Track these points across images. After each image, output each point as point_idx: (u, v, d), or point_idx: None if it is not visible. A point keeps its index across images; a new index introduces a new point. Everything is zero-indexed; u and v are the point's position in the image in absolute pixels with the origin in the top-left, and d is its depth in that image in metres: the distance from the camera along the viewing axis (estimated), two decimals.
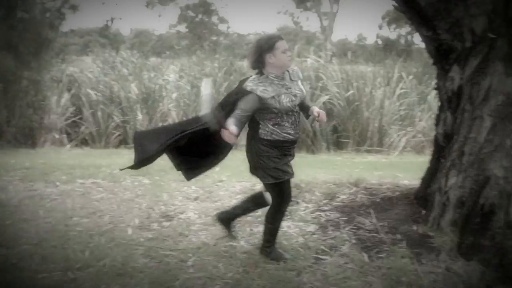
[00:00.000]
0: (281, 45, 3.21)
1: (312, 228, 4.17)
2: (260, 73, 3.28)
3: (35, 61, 7.34)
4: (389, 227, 4.04)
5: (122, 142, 10.73)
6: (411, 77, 11.19)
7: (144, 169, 6.44)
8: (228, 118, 3.20)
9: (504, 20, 3.50)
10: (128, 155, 8.47)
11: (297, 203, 4.81)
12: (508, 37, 3.50)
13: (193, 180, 5.92)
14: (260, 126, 3.31)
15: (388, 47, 29.27)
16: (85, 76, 12.36)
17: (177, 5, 30.92)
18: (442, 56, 3.93)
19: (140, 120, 10.70)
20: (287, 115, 3.27)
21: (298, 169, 7.09)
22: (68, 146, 10.33)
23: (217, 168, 6.69)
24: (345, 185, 5.33)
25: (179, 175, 6.13)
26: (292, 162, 3.51)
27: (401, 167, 7.45)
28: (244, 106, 3.20)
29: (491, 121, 3.55)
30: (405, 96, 10.98)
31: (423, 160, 8.74)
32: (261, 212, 4.55)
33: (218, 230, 4.15)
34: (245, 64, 17.36)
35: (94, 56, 16.41)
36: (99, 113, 10.66)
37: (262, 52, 3.20)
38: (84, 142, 10.76)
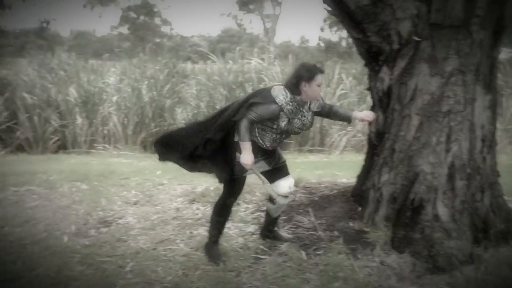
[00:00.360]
0: (319, 78, 3.31)
1: (252, 228, 4.21)
2: (290, 90, 3.34)
3: None
4: (326, 225, 4.14)
5: (61, 147, 10.37)
6: (351, 78, 11.49)
7: (82, 174, 6.34)
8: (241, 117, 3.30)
9: (427, 24, 3.67)
10: (66, 161, 8.24)
11: (238, 204, 4.83)
12: (431, 39, 3.68)
13: (133, 184, 5.90)
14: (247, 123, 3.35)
15: (330, 49, 29.86)
16: (20, 79, 11.86)
17: (118, 5, 30.17)
18: (372, 57, 4.08)
19: (80, 124, 10.39)
20: (280, 134, 3.41)
21: None
22: (3, 152, 9.86)
23: (158, 172, 6.66)
24: None
25: (119, 179, 6.08)
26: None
27: (341, 166, 7.65)
28: (261, 112, 3.28)
29: (419, 120, 3.73)
30: (345, 96, 11.26)
31: (362, 159, 9.05)
32: (201, 214, 4.57)
33: (157, 234, 4.11)
34: (188, 66, 17.31)
35: (30, 58, 15.80)
36: (36, 118, 10.25)
37: (300, 79, 3.29)
38: (20, 148, 10.30)
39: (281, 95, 3.32)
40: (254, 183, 5.59)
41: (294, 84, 3.33)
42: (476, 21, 3.58)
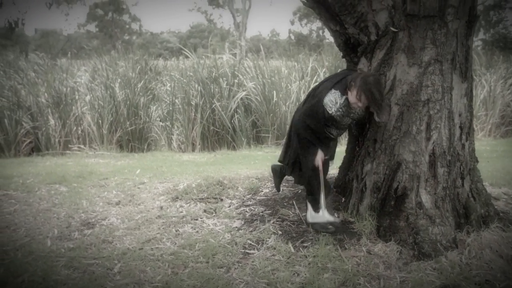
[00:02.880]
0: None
1: (237, 223, 4.21)
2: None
3: None
4: None
5: (34, 150, 10.15)
6: (324, 70, 11.57)
7: (59, 176, 6.22)
8: None
9: (403, 14, 3.72)
10: (41, 163, 8.06)
11: (221, 200, 4.84)
12: (408, 30, 3.73)
13: (113, 184, 5.82)
14: None
15: (301, 42, 30.06)
16: None
17: (85, 3, 29.59)
18: (350, 49, 4.12)
19: (53, 125, 10.18)
20: (342, 127, 3.97)
21: (220, 166, 7.18)
22: None
23: (137, 171, 6.60)
24: (267, 179, 5.44)
25: (99, 180, 5.99)
26: None
27: None
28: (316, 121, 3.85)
29: (398, 110, 3.78)
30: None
31: (340, 150, 9.15)
32: (185, 212, 4.55)
33: (142, 233, 4.07)
34: (160, 63, 17.14)
35: None
36: (6, 120, 9.99)
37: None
38: None
39: (334, 107, 3.77)
40: (235, 178, 5.62)
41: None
42: (451, 11, 3.65)
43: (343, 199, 4.41)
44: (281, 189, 4.81)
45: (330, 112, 3.71)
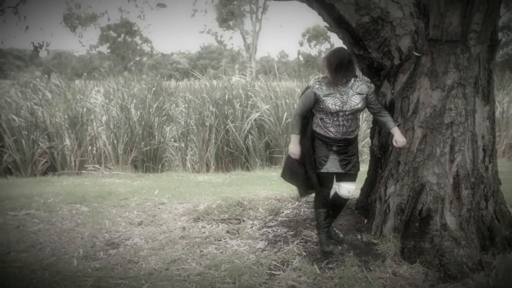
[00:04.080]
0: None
1: (261, 244, 4.24)
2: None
3: None
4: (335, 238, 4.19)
5: (50, 169, 10.26)
6: None
7: (79, 196, 6.30)
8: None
9: (426, 39, 3.80)
10: (59, 183, 8.15)
11: (243, 221, 4.87)
12: (431, 54, 3.81)
13: (133, 204, 5.89)
14: (314, 117, 3.95)
15: (309, 63, 30.31)
16: (4, 101, 11.75)
17: (98, 25, 30.02)
18: (373, 73, 4.19)
19: (68, 145, 10.31)
20: (332, 115, 3.82)
21: (237, 187, 7.22)
22: None
23: (156, 191, 6.66)
24: (287, 200, 5.48)
25: (118, 200, 6.05)
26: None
27: None
28: (302, 101, 3.91)
29: (422, 132, 3.83)
30: None
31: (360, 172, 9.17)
32: (208, 233, 4.59)
33: (167, 254, 4.11)
34: (171, 84, 17.35)
35: (12, 80, 15.64)
36: (23, 140, 10.13)
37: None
38: (7, 172, 10.17)
39: (313, 79, 3.88)
40: (254, 199, 5.66)
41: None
42: (473, 36, 3.73)
43: (366, 220, 4.43)
44: (302, 210, 4.84)
45: (311, 86, 3.83)
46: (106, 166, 10.19)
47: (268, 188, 6.98)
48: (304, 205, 5.13)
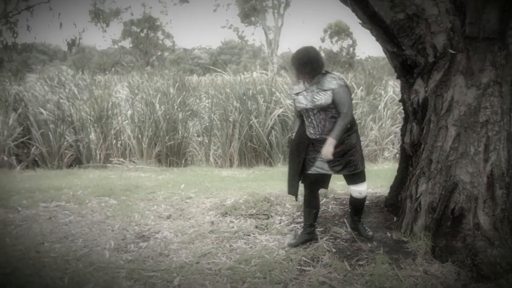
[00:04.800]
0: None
1: (289, 239, 4.24)
2: None
3: None
4: (364, 236, 4.19)
5: (75, 162, 10.44)
6: (361, 88, 11.60)
7: (107, 189, 6.39)
8: None
9: (462, 36, 3.76)
10: (85, 176, 8.28)
11: (271, 216, 4.89)
12: (466, 52, 3.76)
13: (160, 198, 5.95)
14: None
15: (331, 59, 30.16)
16: (31, 94, 11.97)
17: (121, 20, 30.39)
18: (407, 70, 4.16)
19: (94, 139, 10.47)
20: (306, 115, 3.89)
21: (262, 182, 7.24)
22: (18, 168, 9.92)
23: (182, 185, 6.72)
24: None
25: (146, 194, 6.13)
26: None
27: None
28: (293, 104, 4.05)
29: (456, 131, 3.79)
30: (356, 107, 11.36)
31: (378, 169, 9.12)
32: (237, 228, 4.62)
33: (197, 248, 4.15)
34: (194, 79, 17.45)
35: (38, 74, 15.92)
36: (50, 133, 10.32)
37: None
38: (34, 163, 10.38)
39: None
40: (280, 195, 5.67)
41: None
42: (511, 33, 3.67)
43: (395, 218, 4.41)
44: (330, 207, 4.84)
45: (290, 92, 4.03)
46: (130, 159, 10.32)
47: None
48: (332, 202, 5.13)
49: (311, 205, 4.14)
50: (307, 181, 4.06)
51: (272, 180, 7.53)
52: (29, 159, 10.34)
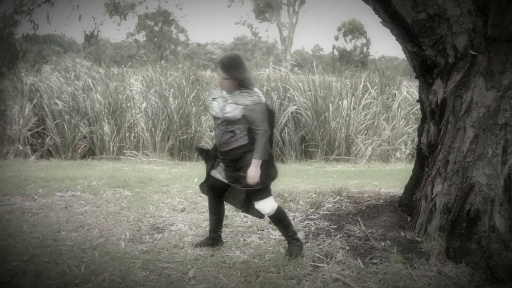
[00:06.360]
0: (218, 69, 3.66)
1: (300, 235, 4.26)
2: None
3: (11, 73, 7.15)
4: (378, 234, 4.20)
5: (89, 153, 10.55)
6: (376, 87, 11.57)
7: (121, 181, 6.45)
8: None
9: (483, 38, 3.74)
10: (99, 167, 8.37)
11: None
12: (487, 53, 3.74)
13: (174, 191, 6.00)
14: None
15: (344, 58, 30.03)
16: (47, 85, 12.08)
17: (135, 13, 30.49)
18: (426, 70, 4.15)
19: (107, 131, 10.56)
20: (214, 122, 3.79)
21: (275, 178, 7.22)
22: (33, 157, 10.05)
23: (195, 179, 6.76)
24: (328, 194, 5.49)
25: (160, 186, 6.18)
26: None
27: (372, 176, 7.72)
28: None
29: (474, 132, 3.78)
30: (370, 106, 11.34)
31: (391, 169, 9.11)
32: (251, 223, 4.65)
33: None
34: (207, 73, 17.50)
35: (53, 65, 16.05)
36: (64, 124, 10.42)
37: None
38: (48, 154, 10.50)
39: None
40: (294, 191, 5.70)
41: None
42: None
43: (409, 218, 4.41)
44: (344, 205, 4.85)
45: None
46: (143, 152, 10.39)
47: (306, 181, 7.01)
48: (346, 200, 5.14)
49: (211, 211, 4.06)
50: (209, 183, 3.96)
51: (285, 177, 7.54)
52: (43, 149, 10.46)
